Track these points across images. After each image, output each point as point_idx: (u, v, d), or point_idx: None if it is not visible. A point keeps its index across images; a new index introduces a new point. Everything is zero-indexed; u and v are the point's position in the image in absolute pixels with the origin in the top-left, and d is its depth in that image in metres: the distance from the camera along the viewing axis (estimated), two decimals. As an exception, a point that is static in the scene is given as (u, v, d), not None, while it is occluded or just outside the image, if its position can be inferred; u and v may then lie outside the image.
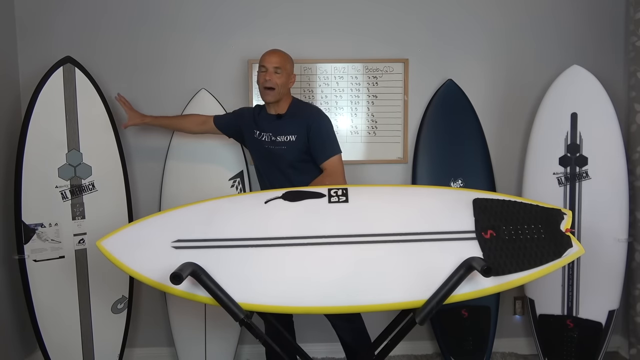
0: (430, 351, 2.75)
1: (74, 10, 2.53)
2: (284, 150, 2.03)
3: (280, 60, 2.02)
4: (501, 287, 1.55)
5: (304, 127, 2.01)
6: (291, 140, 2.02)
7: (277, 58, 2.02)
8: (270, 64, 2.00)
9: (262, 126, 2.10)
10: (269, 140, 2.07)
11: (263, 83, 2.01)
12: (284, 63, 2.03)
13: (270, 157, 2.08)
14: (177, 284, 1.44)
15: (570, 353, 2.44)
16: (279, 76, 2.01)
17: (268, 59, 2.02)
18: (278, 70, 2.00)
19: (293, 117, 2.06)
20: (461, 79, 2.60)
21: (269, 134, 2.07)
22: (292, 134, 2.02)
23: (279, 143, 2.04)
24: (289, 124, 2.04)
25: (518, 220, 1.61)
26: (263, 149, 2.09)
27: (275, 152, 2.05)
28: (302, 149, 2.02)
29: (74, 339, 2.30)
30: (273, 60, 2.01)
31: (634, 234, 2.49)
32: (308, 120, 2.02)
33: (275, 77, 2.00)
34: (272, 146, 2.06)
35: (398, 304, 1.55)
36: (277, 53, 2.05)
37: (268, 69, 2.00)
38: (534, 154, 2.50)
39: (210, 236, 1.61)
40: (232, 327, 2.45)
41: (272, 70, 2.00)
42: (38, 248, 2.23)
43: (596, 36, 2.63)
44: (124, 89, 2.55)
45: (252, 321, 1.56)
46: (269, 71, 2.00)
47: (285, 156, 2.03)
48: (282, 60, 2.03)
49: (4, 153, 2.38)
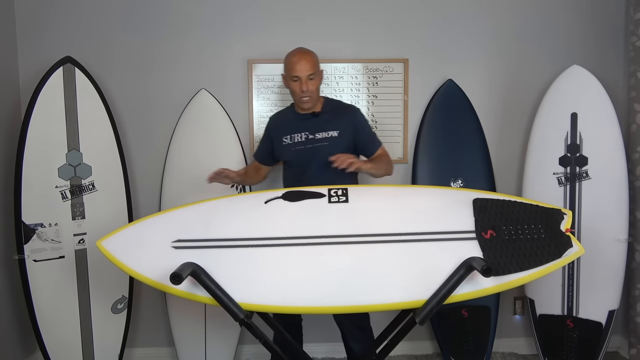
0: (430, 351, 2.75)
1: (74, 10, 2.53)
2: (326, 146, 2.01)
3: (312, 66, 1.99)
4: (501, 287, 1.55)
5: (349, 123, 2.04)
6: (333, 135, 2.02)
7: (308, 64, 1.98)
8: (304, 72, 1.97)
9: (294, 128, 2.08)
10: (304, 140, 2.05)
11: (300, 94, 1.99)
12: (315, 67, 2.01)
13: (307, 157, 2.04)
14: (177, 284, 1.44)
15: (570, 353, 2.44)
16: (314, 82, 2.00)
17: (300, 68, 1.97)
18: (312, 76, 1.99)
19: (332, 113, 2.06)
20: (461, 79, 2.60)
21: (304, 133, 2.05)
22: (333, 130, 2.03)
23: (318, 140, 2.03)
24: (329, 120, 2.05)
25: (518, 220, 1.61)
26: (298, 150, 2.06)
27: (314, 150, 2.03)
28: (345, 144, 2.02)
29: (74, 339, 2.30)
30: (305, 69, 1.97)
31: (634, 234, 2.49)
32: (354, 117, 2.07)
33: (310, 84, 1.99)
34: (309, 145, 2.04)
35: (398, 304, 1.55)
36: (306, 58, 2.00)
37: (302, 78, 1.97)
38: (534, 154, 2.50)
39: (210, 236, 1.62)
40: (232, 327, 2.45)
41: (306, 79, 1.97)
42: (38, 248, 2.23)
43: (596, 36, 2.63)
44: (124, 89, 2.56)
45: (252, 321, 1.56)
46: (304, 80, 1.97)
47: (326, 152, 1.97)
48: (313, 65, 2.00)
49: (4, 153, 2.38)
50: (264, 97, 2.60)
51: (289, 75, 2.02)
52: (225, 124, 2.51)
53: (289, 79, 2.03)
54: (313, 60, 2.02)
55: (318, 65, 2.05)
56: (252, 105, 2.60)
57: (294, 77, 1.99)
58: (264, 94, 2.60)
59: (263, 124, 2.61)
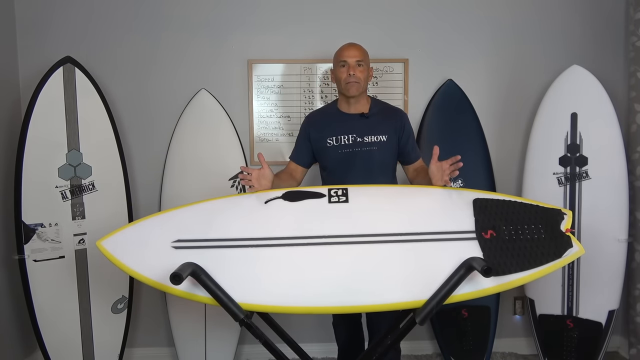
0: (430, 351, 2.75)
1: (74, 10, 2.53)
2: (375, 150, 1.93)
3: (361, 54, 1.95)
4: (501, 287, 1.55)
5: (397, 127, 1.97)
6: (382, 140, 1.94)
7: (357, 51, 1.95)
8: (352, 57, 1.93)
9: (340, 128, 1.97)
10: (351, 142, 1.94)
11: (346, 78, 1.92)
12: (364, 56, 1.97)
13: (355, 160, 1.95)
14: (177, 284, 1.44)
15: (570, 353, 2.44)
16: (362, 69, 1.94)
17: (348, 53, 1.94)
18: (360, 63, 1.94)
19: (382, 116, 1.99)
20: (461, 79, 2.60)
21: (352, 135, 1.95)
22: (383, 134, 1.95)
23: (367, 144, 1.93)
24: (379, 123, 1.96)
25: (518, 220, 1.61)
26: (345, 153, 1.95)
27: (361, 154, 1.94)
28: (391, 150, 1.97)
29: (74, 339, 2.30)
30: (354, 54, 1.94)
31: (634, 234, 2.49)
32: (402, 122, 1.99)
33: (358, 71, 1.93)
34: (357, 148, 1.94)
35: (398, 304, 1.55)
36: (357, 46, 1.97)
37: (350, 63, 1.93)
38: (534, 154, 2.50)
39: (210, 236, 1.61)
40: (232, 327, 2.45)
41: (354, 64, 1.93)
42: (38, 248, 2.23)
43: (596, 36, 2.63)
44: (124, 89, 2.56)
45: (252, 321, 1.56)
46: (352, 65, 1.92)
47: (375, 157, 1.93)
48: (363, 54, 1.97)
49: (4, 153, 2.38)
50: (264, 97, 2.60)
51: (337, 62, 1.97)
52: (225, 124, 2.51)
53: (336, 66, 1.97)
54: (362, 50, 1.99)
55: (367, 59, 2.00)
56: (252, 105, 2.60)
57: (341, 61, 1.94)
58: (264, 94, 2.60)
59: (263, 124, 2.62)
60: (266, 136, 2.62)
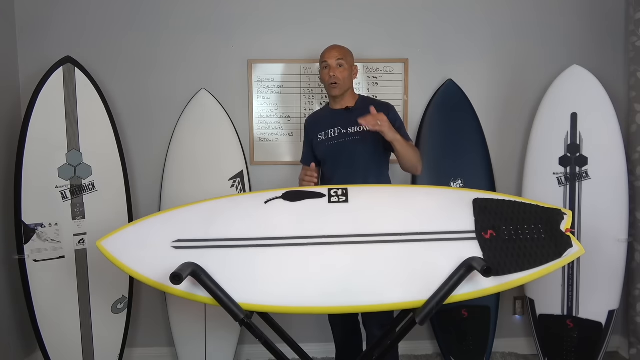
0: (430, 351, 2.75)
1: (73, 10, 2.53)
2: (358, 140, 2.03)
3: (340, 53, 2.06)
4: (501, 287, 1.55)
5: None
6: (365, 129, 2.00)
7: (337, 52, 2.06)
8: (332, 58, 2.04)
9: (328, 123, 2.10)
10: (337, 134, 2.06)
11: (328, 80, 2.05)
12: (345, 55, 2.07)
13: (340, 152, 2.05)
14: (177, 284, 1.44)
15: (570, 353, 2.44)
16: (342, 70, 2.04)
17: (329, 54, 2.06)
18: (341, 62, 2.03)
19: (365, 107, 2.04)
20: (461, 79, 2.60)
21: (337, 128, 2.06)
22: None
23: (351, 134, 2.04)
24: (361, 114, 2.01)
25: (518, 220, 1.61)
26: (331, 145, 2.07)
27: (347, 145, 2.04)
28: (377, 139, 2.02)
29: (74, 339, 2.30)
30: (334, 54, 2.05)
31: (634, 234, 2.49)
32: (387, 111, 2.03)
33: (338, 72, 2.03)
34: (342, 139, 2.05)
35: (398, 304, 1.55)
36: (337, 47, 2.09)
37: (330, 64, 2.03)
38: (534, 154, 2.50)
39: (210, 236, 1.61)
40: (232, 327, 2.45)
41: (335, 65, 2.03)
42: (38, 248, 2.23)
43: (596, 36, 2.63)
44: (124, 89, 2.56)
45: (252, 321, 1.56)
46: (332, 66, 2.03)
47: (358, 146, 2.02)
48: (343, 53, 2.07)
49: (4, 153, 2.38)
50: (264, 97, 2.60)
51: (320, 63, 2.09)
52: (225, 124, 2.51)
53: (320, 68, 2.10)
54: (344, 50, 2.10)
55: (350, 58, 2.10)
56: (252, 105, 2.60)
57: (323, 63, 2.06)
58: (264, 94, 2.60)
59: (263, 124, 2.63)
60: (266, 136, 2.62)
